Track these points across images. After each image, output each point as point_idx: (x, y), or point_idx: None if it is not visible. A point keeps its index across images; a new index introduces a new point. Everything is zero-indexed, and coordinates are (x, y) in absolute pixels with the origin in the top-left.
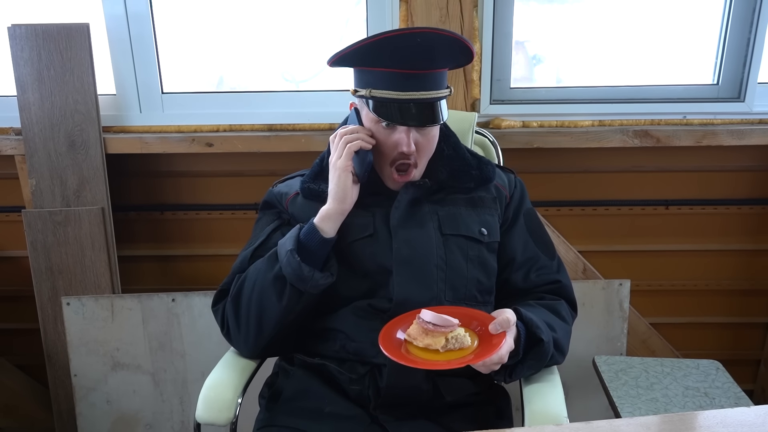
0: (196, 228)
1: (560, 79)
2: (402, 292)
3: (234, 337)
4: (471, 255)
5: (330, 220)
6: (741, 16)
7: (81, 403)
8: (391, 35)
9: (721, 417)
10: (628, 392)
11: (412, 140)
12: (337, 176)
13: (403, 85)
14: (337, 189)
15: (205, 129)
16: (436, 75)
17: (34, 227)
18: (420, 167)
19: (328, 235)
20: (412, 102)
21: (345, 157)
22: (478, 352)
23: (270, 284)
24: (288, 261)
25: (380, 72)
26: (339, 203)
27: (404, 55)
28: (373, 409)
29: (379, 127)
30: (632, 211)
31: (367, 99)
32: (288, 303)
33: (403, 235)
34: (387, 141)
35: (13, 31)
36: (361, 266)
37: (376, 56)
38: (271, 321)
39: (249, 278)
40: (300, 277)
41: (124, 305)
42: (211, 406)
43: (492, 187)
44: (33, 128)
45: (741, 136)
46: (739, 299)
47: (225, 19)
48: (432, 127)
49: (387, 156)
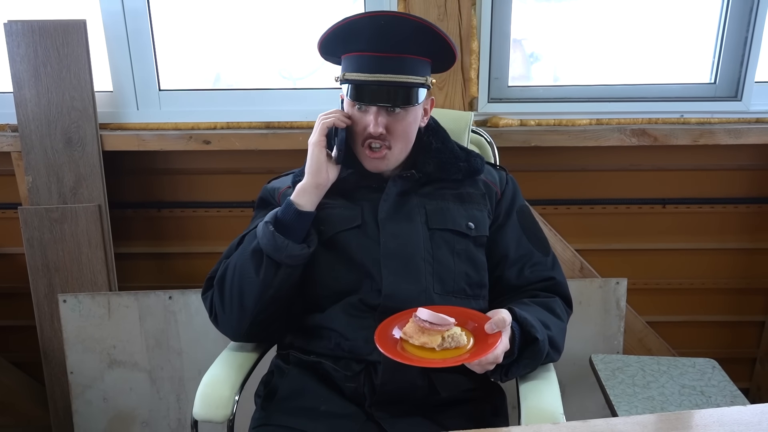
0: (193, 225)
1: (557, 77)
2: (390, 285)
3: (220, 319)
4: (458, 249)
5: (305, 194)
6: (738, 15)
7: (77, 400)
8: (354, 18)
9: (717, 416)
10: (625, 390)
11: (380, 123)
12: (311, 151)
13: (372, 67)
14: (311, 162)
15: (202, 126)
16: (407, 60)
17: (30, 224)
18: (395, 151)
19: (304, 208)
20: (381, 84)
21: (318, 133)
22: (474, 351)
23: (248, 259)
24: (263, 232)
25: (352, 56)
26: (313, 177)
27: (370, 37)
28: (369, 406)
29: (353, 110)
30: (629, 209)
31: (343, 82)
32: (265, 275)
33: (390, 228)
34: (359, 122)
35: (10, 27)
36: (349, 257)
37: (347, 41)
38: (251, 297)
39: (232, 260)
40: (275, 247)
41: (121, 303)
42: (209, 403)
43: (480, 183)
44: (29, 125)
45: (738, 135)
46: (735, 298)
47: (222, 16)
48: (403, 112)
49: (359, 136)
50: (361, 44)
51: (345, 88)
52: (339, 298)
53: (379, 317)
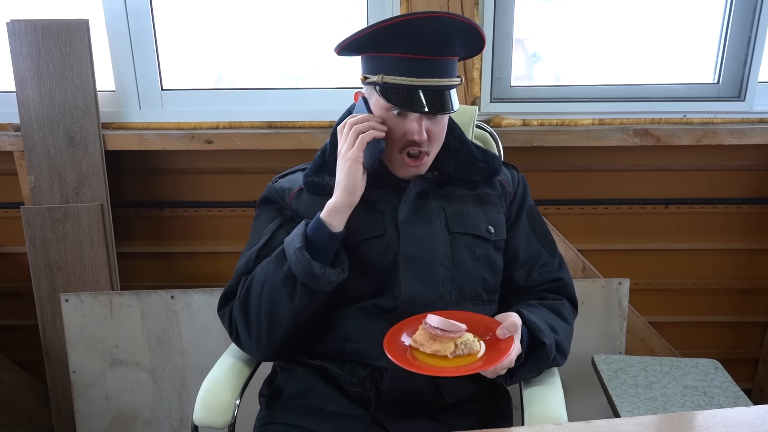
0: (196, 225)
1: (559, 77)
2: (408, 291)
3: (245, 341)
4: (478, 254)
5: (338, 214)
6: (742, 15)
7: (79, 399)
8: (408, 18)
9: (720, 417)
10: (627, 391)
11: (423, 128)
12: (348, 167)
13: (416, 71)
14: (347, 180)
15: (204, 126)
16: (448, 62)
17: (32, 224)
18: (431, 156)
19: (336, 230)
20: (424, 89)
21: (357, 148)
22: (487, 358)
23: (280, 284)
24: (298, 259)
25: (393, 57)
26: (348, 196)
27: (419, 40)
28: (374, 410)
29: (389, 115)
30: (632, 210)
31: (379, 85)
32: (300, 303)
33: (410, 232)
34: (397, 129)
35: (12, 26)
36: (370, 266)
37: (390, 41)
38: (283, 322)
39: (257, 280)
40: (311, 275)
41: (123, 302)
42: (209, 408)
43: (497, 184)
44: (32, 124)
45: (741, 136)
46: (738, 298)
47: (224, 16)
48: (443, 116)
49: (397, 144)
50: (407, 46)
51: (377, 89)
52: (354, 303)
53: (392, 321)
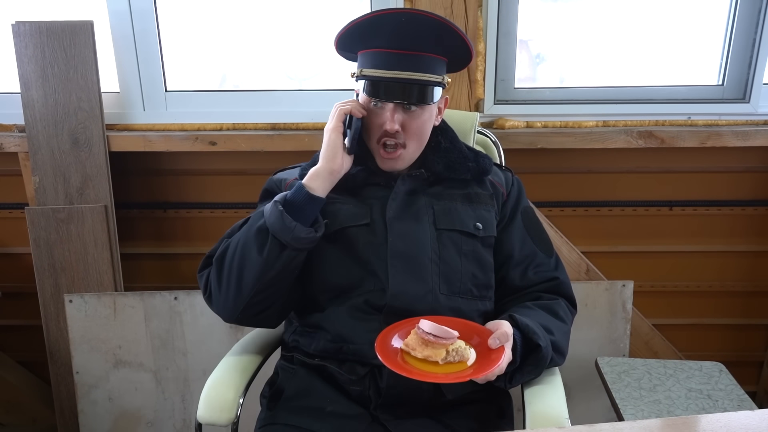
0: (199, 226)
1: (563, 78)
2: (397, 285)
3: (215, 297)
4: (465, 249)
5: (318, 178)
6: (746, 17)
7: (83, 400)
8: (375, 14)
9: (725, 420)
10: (631, 394)
11: (396, 120)
12: (327, 137)
13: (390, 63)
14: (327, 147)
15: (208, 127)
16: (423, 58)
17: (37, 224)
18: (409, 150)
19: (316, 193)
20: (398, 81)
21: (336, 119)
22: (477, 367)
23: (252, 237)
24: (271, 211)
25: (371, 52)
26: (328, 162)
27: (392, 34)
28: (374, 409)
29: (370, 107)
30: (636, 211)
31: (359, 78)
32: (268, 255)
33: (398, 228)
34: (375, 120)
35: (18, 28)
36: (354, 253)
37: (367, 37)
38: (251, 276)
39: (234, 239)
40: (282, 227)
41: (127, 303)
42: (213, 406)
43: (488, 184)
44: (36, 125)
45: (746, 137)
46: (742, 300)
47: (228, 17)
48: (419, 110)
49: (375, 134)
50: (381, 41)
51: (361, 84)
52: (340, 296)
53: (385, 319)
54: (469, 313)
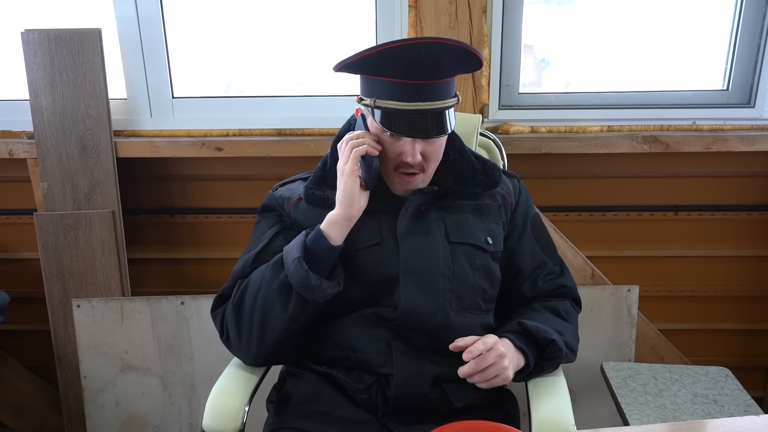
0: (206, 231)
1: (568, 82)
2: (408, 303)
3: (234, 344)
4: (477, 264)
5: (337, 226)
6: (751, 22)
7: (90, 404)
8: (394, 46)
9: (730, 425)
10: (636, 399)
11: (417, 150)
12: (344, 181)
13: (408, 95)
14: (344, 194)
15: (214, 133)
16: (443, 85)
17: (45, 230)
18: (428, 173)
19: (336, 243)
20: (418, 113)
21: (351, 162)
22: None
23: (275, 292)
24: (295, 269)
25: (385, 81)
26: (346, 208)
27: (409, 65)
28: (382, 416)
29: (384, 135)
30: (641, 216)
31: (372, 108)
32: (293, 312)
33: (410, 244)
34: (392, 149)
35: (27, 36)
36: (367, 275)
37: (381, 66)
38: (275, 330)
39: (252, 284)
40: (307, 286)
41: (134, 308)
42: (218, 414)
43: (498, 195)
44: (45, 132)
45: (751, 142)
46: (748, 305)
47: (234, 24)
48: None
49: (391, 163)
50: (397, 71)
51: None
52: (353, 310)
53: (393, 329)
54: (476, 327)
